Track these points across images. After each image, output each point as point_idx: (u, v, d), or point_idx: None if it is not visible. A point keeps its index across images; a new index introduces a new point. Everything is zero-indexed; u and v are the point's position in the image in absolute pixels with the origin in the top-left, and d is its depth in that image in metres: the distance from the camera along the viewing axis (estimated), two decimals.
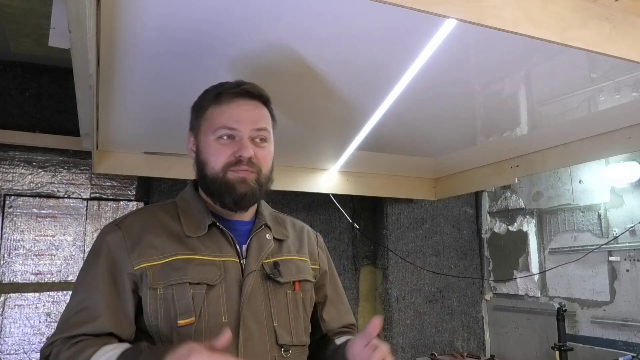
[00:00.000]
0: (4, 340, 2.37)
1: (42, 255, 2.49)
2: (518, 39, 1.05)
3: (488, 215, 3.32)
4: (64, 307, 1.01)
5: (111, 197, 2.66)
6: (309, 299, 1.16)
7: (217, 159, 1.05)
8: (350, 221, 3.13)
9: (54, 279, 2.48)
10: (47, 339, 0.97)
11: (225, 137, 1.06)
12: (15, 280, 2.43)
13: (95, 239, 1.07)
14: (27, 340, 2.40)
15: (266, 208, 1.20)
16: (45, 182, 2.55)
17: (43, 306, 2.45)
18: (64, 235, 2.54)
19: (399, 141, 2.23)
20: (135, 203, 2.70)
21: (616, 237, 2.41)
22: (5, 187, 2.48)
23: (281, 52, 1.32)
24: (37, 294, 2.45)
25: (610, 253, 2.45)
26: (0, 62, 2.57)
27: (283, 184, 2.54)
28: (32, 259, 2.47)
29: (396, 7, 0.91)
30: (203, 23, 1.17)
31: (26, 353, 2.38)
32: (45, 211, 2.52)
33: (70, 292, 1.03)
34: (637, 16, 1.16)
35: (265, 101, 1.12)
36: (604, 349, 2.44)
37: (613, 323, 2.42)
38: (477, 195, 3.35)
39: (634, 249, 2.34)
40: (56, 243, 2.52)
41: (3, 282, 2.41)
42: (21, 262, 2.45)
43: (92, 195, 2.62)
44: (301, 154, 2.39)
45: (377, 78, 1.50)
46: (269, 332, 1.04)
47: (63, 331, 0.95)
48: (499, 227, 3.19)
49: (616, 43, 1.13)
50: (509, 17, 1.00)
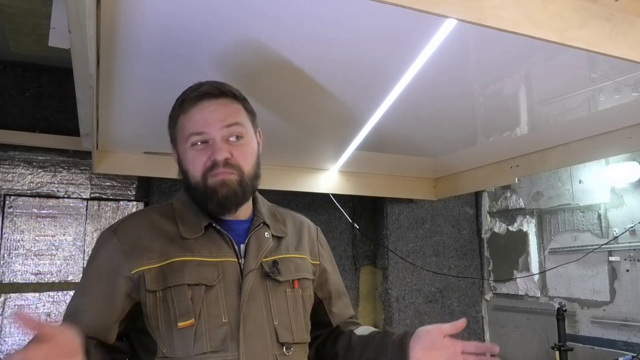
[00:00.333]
0: (4, 340, 2.36)
1: (42, 255, 2.49)
2: (518, 39, 1.04)
3: (488, 215, 3.32)
4: (65, 309, 1.05)
5: (111, 197, 2.66)
6: (308, 297, 1.16)
7: (195, 167, 1.05)
8: (350, 221, 3.13)
9: (54, 279, 2.48)
10: None
11: (199, 143, 1.04)
12: (15, 280, 2.43)
13: (93, 246, 1.09)
14: (27, 340, 2.40)
15: (264, 205, 1.18)
16: (45, 182, 2.55)
17: (43, 306, 2.44)
18: (64, 235, 2.54)
19: (399, 141, 2.23)
20: (135, 203, 2.70)
21: (616, 237, 2.41)
22: (5, 187, 2.48)
23: (281, 53, 1.32)
24: (37, 294, 2.44)
25: (610, 253, 2.45)
26: (0, 62, 2.57)
27: (283, 184, 2.54)
28: (32, 259, 2.47)
29: (396, 7, 0.91)
30: (203, 23, 1.17)
31: None
32: (45, 211, 2.52)
33: (70, 292, 1.06)
34: (637, 16, 1.16)
35: (232, 97, 1.09)
36: (604, 349, 2.44)
37: (613, 323, 2.42)
38: (477, 195, 3.35)
39: (634, 249, 2.34)
40: (56, 243, 2.52)
41: (3, 282, 2.41)
42: (21, 262, 2.45)
43: (92, 195, 2.62)
44: (301, 154, 2.39)
45: (377, 78, 1.50)
46: (270, 331, 1.04)
47: None
48: (499, 227, 3.19)
49: (616, 43, 1.13)
50: (509, 17, 1.00)
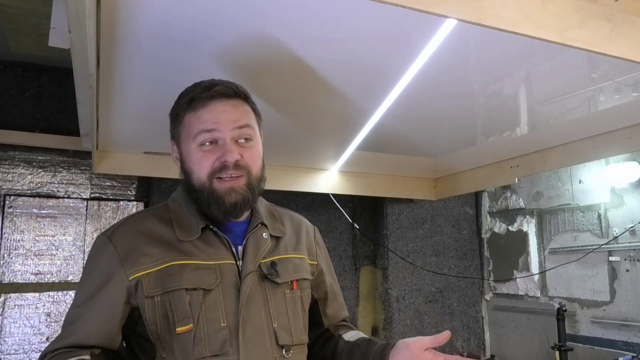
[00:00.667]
0: (4, 340, 2.37)
1: (42, 255, 2.49)
2: (518, 39, 1.04)
3: (488, 215, 3.32)
4: (65, 315, 1.06)
5: (111, 197, 2.66)
6: (307, 297, 1.15)
7: (201, 167, 1.01)
8: (350, 221, 3.13)
9: (54, 279, 2.48)
10: (42, 351, 1.01)
11: (207, 143, 1.01)
12: (15, 280, 2.43)
13: (88, 252, 1.08)
14: (27, 340, 2.40)
15: (262, 204, 1.17)
16: (45, 182, 2.55)
17: (43, 306, 2.44)
18: (64, 235, 2.54)
19: (399, 141, 2.23)
20: (135, 203, 2.70)
21: (616, 237, 2.41)
22: (5, 187, 2.48)
23: (281, 53, 1.32)
24: (37, 294, 2.45)
25: (610, 253, 2.45)
26: (0, 62, 2.57)
27: (283, 184, 2.54)
28: (32, 259, 2.47)
29: (396, 7, 0.91)
30: (203, 23, 1.17)
31: (26, 353, 2.38)
32: (45, 211, 2.52)
33: (70, 292, 1.06)
34: (637, 16, 1.16)
35: (243, 98, 1.07)
36: (604, 349, 2.44)
37: (613, 323, 2.42)
38: (477, 195, 3.35)
39: (634, 249, 2.34)
40: (56, 243, 2.52)
41: (3, 282, 2.41)
42: (21, 262, 2.45)
43: (92, 195, 2.62)
44: (301, 154, 2.39)
45: (377, 78, 1.50)
46: (269, 334, 1.03)
47: (52, 345, 1.00)
48: (499, 227, 3.19)
49: (616, 43, 1.13)
50: (509, 17, 1.00)
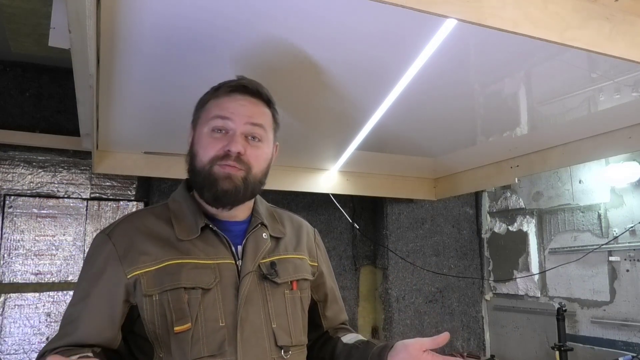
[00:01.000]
0: (4, 340, 2.37)
1: (42, 255, 2.49)
2: (518, 39, 1.04)
3: (488, 215, 3.32)
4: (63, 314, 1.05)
5: (111, 197, 2.66)
6: (307, 298, 1.15)
7: (206, 152, 1.04)
8: (350, 221, 3.13)
9: (54, 279, 2.48)
10: (41, 349, 1.01)
11: (218, 131, 1.04)
12: (15, 280, 2.43)
13: (87, 250, 1.08)
14: (27, 340, 2.40)
15: (262, 204, 1.17)
16: (45, 182, 2.55)
17: (43, 306, 2.44)
18: (64, 235, 2.54)
19: (399, 141, 2.23)
20: (135, 203, 2.70)
21: (616, 237, 2.41)
22: (5, 187, 2.48)
23: (281, 53, 1.32)
24: (37, 294, 2.44)
25: (610, 253, 2.45)
26: (0, 62, 2.57)
27: (283, 184, 2.54)
28: (32, 259, 2.47)
29: (396, 7, 0.91)
30: (203, 23, 1.17)
31: (26, 353, 2.38)
32: (45, 211, 2.52)
33: (70, 292, 1.06)
34: (637, 16, 1.16)
35: (266, 100, 1.10)
36: (604, 349, 2.44)
37: (613, 323, 2.42)
38: (477, 195, 3.35)
39: (634, 249, 2.34)
40: (56, 243, 2.52)
41: (3, 282, 2.41)
42: (21, 262, 2.45)
43: (92, 195, 2.62)
44: (301, 154, 2.39)
45: (378, 78, 1.50)
46: (268, 334, 1.03)
47: (51, 343, 0.99)
48: (499, 227, 3.19)
49: (616, 43, 1.13)
50: (509, 17, 1.00)
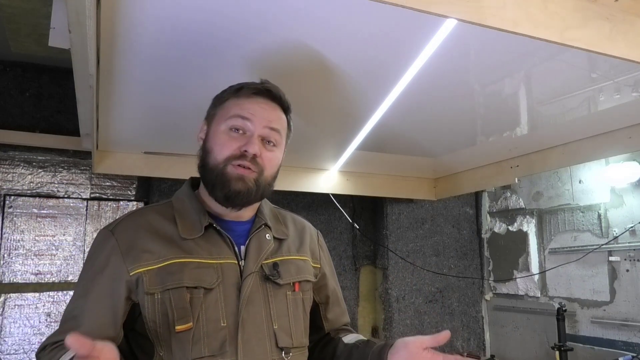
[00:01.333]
0: (4, 340, 2.37)
1: (42, 255, 2.49)
2: (518, 39, 1.04)
3: (488, 215, 3.32)
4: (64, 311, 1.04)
5: (111, 197, 2.66)
6: (308, 300, 1.15)
7: (222, 150, 1.03)
8: (350, 221, 3.13)
9: (54, 279, 2.48)
10: (41, 344, 1.00)
11: (236, 130, 1.04)
12: (15, 280, 2.43)
13: (90, 246, 1.07)
14: (27, 340, 2.40)
15: (266, 205, 1.17)
16: (45, 182, 2.55)
17: (43, 306, 2.44)
18: (64, 235, 2.54)
19: (399, 141, 2.23)
20: (135, 203, 2.70)
21: (616, 237, 2.41)
22: (5, 187, 2.48)
23: (281, 53, 1.32)
24: (37, 294, 2.44)
25: (610, 253, 2.45)
26: (0, 62, 2.57)
27: (283, 184, 2.54)
28: (32, 259, 2.47)
29: (396, 7, 0.91)
30: (203, 24, 1.17)
31: (26, 353, 2.38)
32: (45, 211, 2.52)
33: (70, 292, 1.05)
34: (637, 16, 1.16)
35: (284, 107, 1.12)
36: (604, 349, 2.44)
37: (613, 323, 2.42)
38: (477, 195, 3.35)
39: (634, 249, 2.34)
40: (56, 243, 2.52)
41: (3, 282, 2.41)
42: (21, 262, 2.45)
43: (92, 195, 2.62)
44: (301, 154, 2.39)
45: (378, 78, 1.50)
46: (269, 335, 1.02)
47: (52, 337, 0.99)
48: (499, 227, 3.19)
49: (616, 43, 1.13)
50: (509, 17, 1.00)
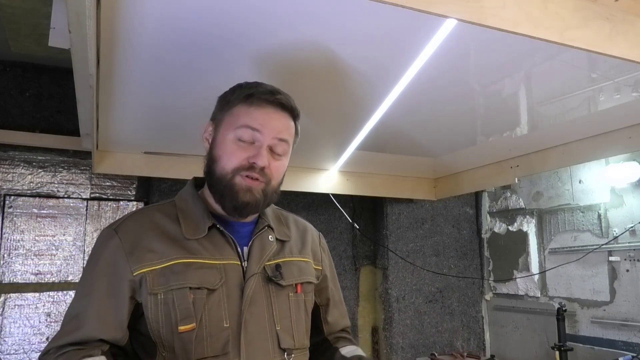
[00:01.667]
0: (4, 340, 2.37)
1: (42, 255, 2.49)
2: (518, 39, 1.04)
3: (488, 215, 3.32)
4: (65, 311, 1.03)
5: (111, 197, 2.66)
6: (310, 301, 1.15)
7: (230, 160, 1.03)
8: (350, 221, 3.13)
9: (54, 279, 2.48)
10: (45, 347, 0.99)
11: (244, 140, 1.03)
12: (15, 280, 2.43)
13: (93, 245, 1.06)
14: (27, 340, 2.40)
15: (269, 207, 1.18)
16: (45, 182, 2.55)
17: (43, 306, 2.44)
18: (64, 235, 2.54)
19: (399, 141, 2.23)
20: (135, 203, 2.70)
21: (616, 237, 2.41)
22: (5, 187, 2.48)
23: (281, 54, 1.32)
24: (37, 294, 2.44)
25: (610, 253, 2.45)
26: (0, 62, 2.57)
27: (283, 184, 2.53)
28: (32, 259, 2.47)
29: (396, 7, 0.91)
30: (203, 23, 1.17)
31: (26, 353, 2.38)
32: (45, 211, 2.52)
33: (70, 292, 1.04)
34: (637, 16, 1.16)
35: (294, 115, 1.11)
36: (604, 349, 2.44)
37: (613, 323, 2.42)
38: (477, 195, 3.35)
39: (634, 249, 2.34)
40: (56, 243, 2.52)
41: (3, 282, 2.41)
42: (21, 262, 2.45)
43: (92, 195, 2.62)
44: (301, 154, 2.39)
45: (378, 78, 1.50)
46: (272, 336, 1.02)
47: (56, 340, 0.97)
48: (499, 227, 3.19)
49: (616, 43, 1.13)
50: (509, 17, 1.00)
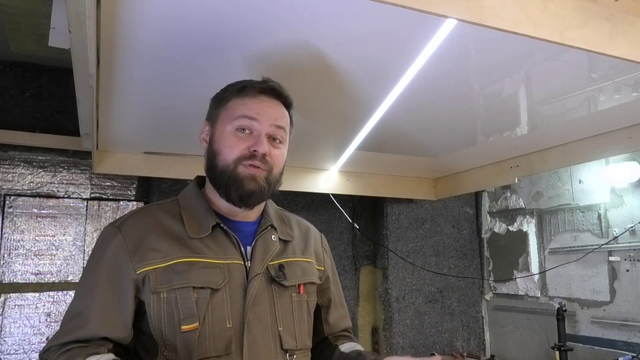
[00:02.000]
0: (4, 340, 2.37)
1: (42, 255, 2.49)
2: (518, 39, 1.04)
3: (488, 215, 3.31)
4: (65, 310, 1.02)
5: (111, 197, 2.66)
6: (313, 302, 1.15)
7: (231, 151, 1.03)
8: (350, 221, 3.13)
9: (54, 279, 2.48)
10: (45, 345, 0.99)
11: (243, 130, 1.04)
12: (15, 280, 2.43)
13: (95, 242, 1.06)
14: (27, 340, 2.40)
15: (272, 207, 1.18)
16: (45, 182, 2.55)
17: (43, 306, 2.44)
18: (64, 235, 2.54)
19: (399, 141, 2.23)
20: (135, 203, 2.70)
21: (616, 237, 2.41)
22: (5, 187, 2.48)
23: (281, 53, 1.32)
24: (37, 294, 2.44)
25: (610, 253, 2.45)
26: (0, 62, 2.57)
27: (283, 184, 2.53)
28: (32, 259, 2.47)
29: (396, 7, 0.91)
30: (203, 23, 1.17)
31: (26, 353, 2.38)
32: (45, 211, 2.52)
33: (70, 292, 1.04)
34: (637, 16, 1.16)
35: (287, 104, 1.12)
36: (604, 349, 2.44)
37: (613, 323, 2.42)
38: (477, 195, 3.35)
39: (634, 249, 2.34)
40: (56, 243, 2.52)
41: (3, 282, 2.41)
42: (21, 262, 2.45)
43: (92, 195, 2.62)
44: (301, 154, 2.39)
45: (378, 78, 1.50)
46: (274, 337, 1.02)
47: (58, 338, 0.97)
48: (499, 227, 3.19)
49: (616, 43, 1.13)
50: (509, 17, 1.00)
